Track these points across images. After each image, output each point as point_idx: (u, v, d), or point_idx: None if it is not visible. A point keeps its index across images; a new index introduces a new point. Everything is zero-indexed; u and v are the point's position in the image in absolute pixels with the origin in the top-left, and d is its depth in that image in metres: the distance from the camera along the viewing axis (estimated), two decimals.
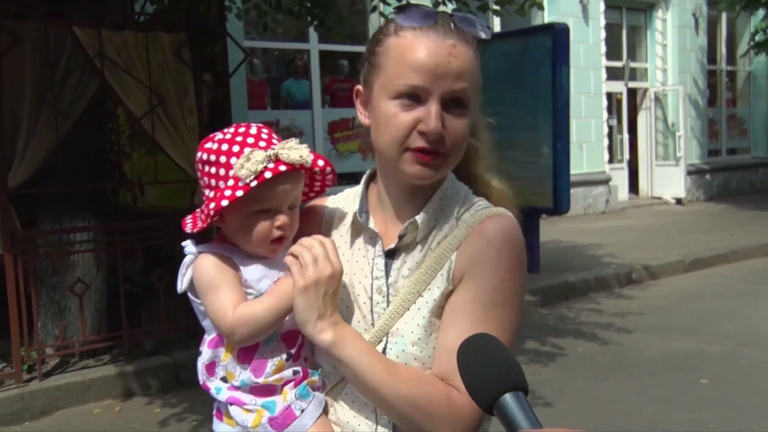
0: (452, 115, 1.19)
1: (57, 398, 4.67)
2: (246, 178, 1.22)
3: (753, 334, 5.75)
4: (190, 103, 5.30)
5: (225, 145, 1.27)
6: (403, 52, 1.18)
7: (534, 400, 4.47)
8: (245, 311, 1.24)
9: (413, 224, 1.25)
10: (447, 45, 1.17)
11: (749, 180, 16.01)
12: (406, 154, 1.19)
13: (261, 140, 1.28)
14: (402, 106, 1.18)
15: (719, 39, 15.85)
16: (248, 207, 1.26)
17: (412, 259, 1.26)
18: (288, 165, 1.24)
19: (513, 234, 1.24)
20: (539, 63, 7.24)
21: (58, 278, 5.07)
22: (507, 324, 1.21)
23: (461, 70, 1.18)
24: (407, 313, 1.23)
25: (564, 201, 7.28)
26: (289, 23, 8.25)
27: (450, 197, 1.29)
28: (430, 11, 1.20)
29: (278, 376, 1.27)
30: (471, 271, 1.21)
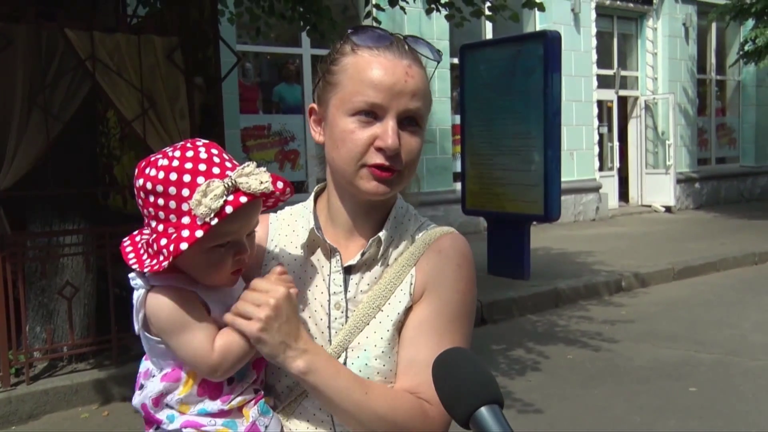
0: (407, 132, 1.21)
1: (45, 402, 4.64)
2: (205, 216, 1.09)
3: (741, 343, 5.78)
4: (181, 107, 5.29)
5: (173, 174, 1.12)
6: (360, 70, 1.20)
7: (523, 407, 4.47)
8: (226, 345, 1.16)
9: (377, 241, 1.27)
10: (403, 65, 1.20)
11: (738, 189, 16.11)
12: (362, 171, 1.21)
13: (214, 165, 1.13)
14: (359, 122, 1.20)
15: (709, 48, 15.97)
16: (206, 243, 1.13)
17: (370, 274, 1.27)
18: (249, 195, 1.12)
19: (467, 250, 1.32)
20: (531, 70, 7.27)
21: (46, 281, 5.04)
22: (466, 334, 1.27)
23: (416, 90, 1.21)
24: (367, 328, 1.24)
25: (554, 208, 7.31)
26: (282, 28, 8.27)
27: (402, 215, 1.33)
28: (384, 33, 1.23)
29: (241, 399, 1.21)
30: (432, 286, 1.25)
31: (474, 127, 7.98)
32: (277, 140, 9.99)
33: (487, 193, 7.81)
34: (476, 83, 7.91)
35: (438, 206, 10.52)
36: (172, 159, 1.13)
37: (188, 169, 1.12)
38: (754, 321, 6.42)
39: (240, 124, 9.37)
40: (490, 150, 7.76)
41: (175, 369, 1.21)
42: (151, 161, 1.15)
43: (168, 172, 1.12)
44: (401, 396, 1.19)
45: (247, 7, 6.41)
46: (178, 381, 1.20)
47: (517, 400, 4.58)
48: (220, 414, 1.20)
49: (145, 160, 1.17)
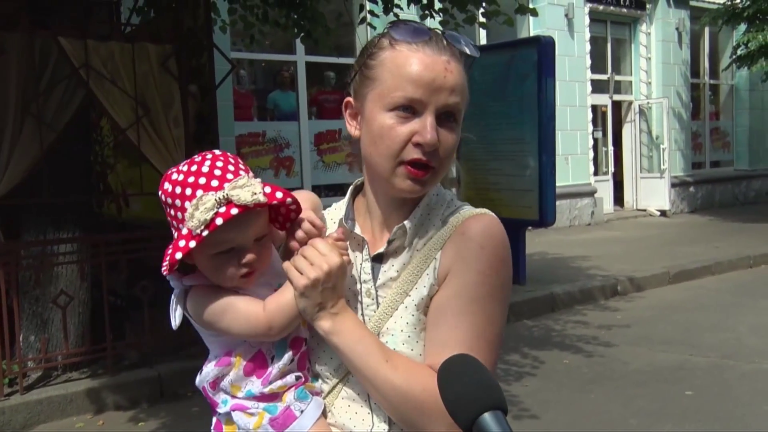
0: (445, 128, 1.22)
1: (39, 412, 4.61)
2: (197, 228, 1.18)
3: (737, 346, 5.78)
4: (175, 114, 5.28)
5: (178, 188, 1.22)
6: (400, 65, 1.20)
7: (520, 412, 4.47)
8: (276, 303, 1.25)
9: (402, 229, 1.28)
10: (443, 60, 1.21)
11: (732, 192, 16.16)
12: (399, 168, 1.22)
13: (213, 178, 1.22)
14: (398, 117, 1.20)
15: (702, 53, 16.03)
16: (208, 251, 1.24)
17: (399, 261, 1.29)
18: (240, 207, 1.19)
19: (495, 230, 1.27)
20: (525, 76, 7.29)
21: (41, 290, 5.02)
22: (492, 316, 1.23)
23: (455, 86, 1.21)
24: (396, 313, 1.26)
25: (550, 213, 7.32)
26: (276, 35, 8.27)
27: (435, 203, 1.33)
28: (423, 28, 1.24)
29: (281, 383, 1.28)
30: (455, 267, 1.24)
31: (468, 133, 7.96)
32: (272, 147, 9.99)
33: (482, 199, 7.81)
34: (471, 88, 7.81)
35: None
36: (179, 173, 1.24)
37: (190, 183, 1.22)
38: (750, 324, 6.43)
39: (235, 132, 9.36)
40: (484, 155, 7.77)
41: (226, 356, 1.31)
42: (167, 175, 1.26)
43: (175, 185, 1.23)
44: (422, 371, 1.19)
45: (240, 15, 6.41)
46: (229, 365, 1.30)
47: (513, 406, 4.57)
48: (263, 398, 1.28)
49: (165, 173, 1.27)
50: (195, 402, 4.76)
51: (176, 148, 5.27)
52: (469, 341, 1.19)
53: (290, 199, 1.27)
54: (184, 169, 1.24)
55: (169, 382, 4.98)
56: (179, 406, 4.79)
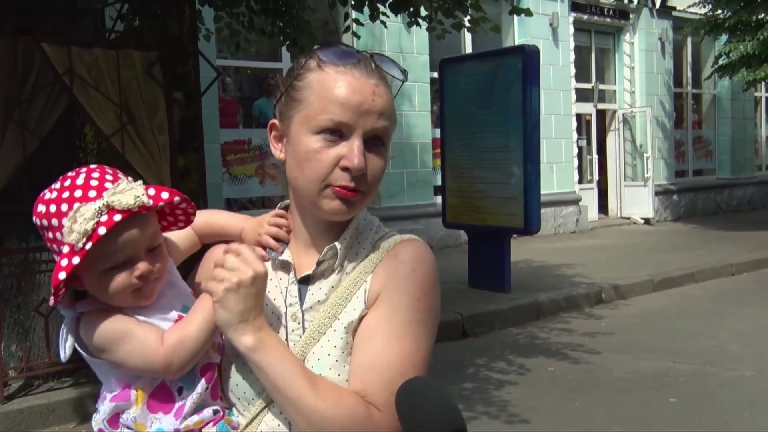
0: (372, 152, 1.20)
1: (20, 422, 4.56)
2: (78, 242, 1.07)
3: (720, 353, 5.83)
4: (160, 122, 5.26)
5: (53, 206, 1.11)
6: (327, 88, 1.18)
7: (505, 419, 4.47)
8: (176, 337, 1.16)
9: (332, 250, 1.25)
10: (371, 84, 1.19)
11: (715, 201, 16.31)
12: (326, 190, 1.19)
13: (90, 189, 1.12)
14: (324, 141, 1.18)
15: (685, 62, 16.21)
16: (96, 267, 1.13)
17: (327, 284, 1.26)
18: (123, 212, 1.09)
19: (426, 255, 1.26)
20: (510, 84, 7.33)
21: (23, 298, 4.97)
22: (420, 341, 1.20)
23: (383, 109, 1.20)
24: (323, 337, 1.22)
25: (534, 221, 7.35)
26: (262, 43, 8.27)
27: (364, 227, 1.30)
28: (351, 50, 1.22)
29: (198, 418, 1.19)
30: (386, 289, 1.22)
31: (454, 141, 8.02)
32: (258, 155, 9.96)
33: (467, 207, 7.84)
34: (456, 97, 7.96)
35: (419, 219, 10.53)
36: (52, 191, 1.14)
37: (65, 198, 1.11)
38: (732, 331, 6.48)
39: (220, 139, 9.34)
40: (470, 163, 7.80)
41: (124, 389, 1.20)
42: (40, 197, 1.15)
43: (49, 205, 1.12)
44: (348, 396, 1.15)
45: (226, 23, 6.41)
46: (128, 400, 1.19)
47: (498, 413, 4.58)
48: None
49: (38, 197, 1.16)
50: None
51: (161, 155, 5.24)
52: (398, 366, 1.16)
53: (178, 198, 1.18)
54: (57, 186, 1.14)
55: None
56: None
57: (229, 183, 9.61)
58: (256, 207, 9.72)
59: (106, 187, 1.12)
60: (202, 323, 1.16)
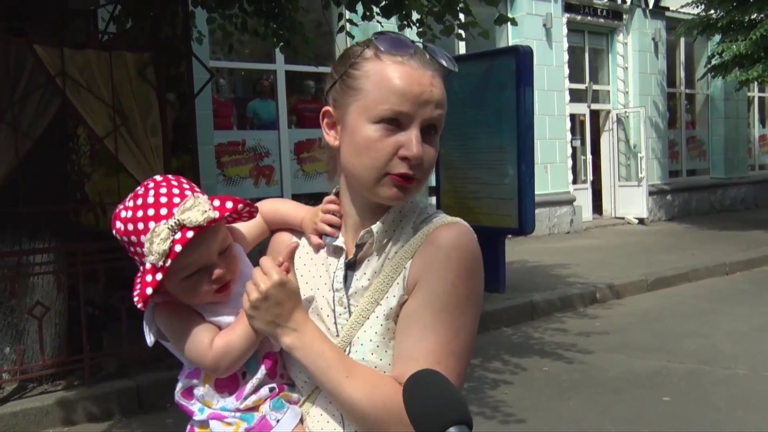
0: (427, 141, 1.23)
1: (14, 425, 4.55)
2: (158, 261, 1.19)
3: (713, 352, 5.84)
4: (153, 123, 5.26)
5: (130, 225, 1.22)
6: (386, 78, 1.21)
7: (500, 419, 4.48)
8: (223, 343, 1.26)
9: (369, 233, 1.28)
10: (428, 75, 1.22)
11: (709, 200, 16.36)
12: (385, 179, 1.22)
13: (161, 207, 1.22)
14: (384, 130, 1.20)
15: (678, 63, 16.25)
16: (176, 277, 1.24)
17: (370, 269, 1.29)
18: (194, 229, 1.20)
19: (465, 241, 1.26)
20: (504, 85, 7.34)
21: (16, 301, 4.96)
22: (459, 328, 1.22)
23: (440, 100, 1.23)
24: (366, 322, 1.26)
25: (529, 221, 7.36)
26: (256, 44, 8.27)
27: (408, 210, 1.32)
28: (408, 40, 1.24)
29: (256, 397, 1.29)
30: (423, 277, 1.23)
31: (448, 142, 8.01)
32: (252, 156, 9.96)
33: (461, 207, 7.84)
34: (450, 98, 7.77)
35: None
36: (127, 209, 1.24)
37: (140, 218, 1.22)
38: (726, 330, 6.50)
39: (214, 140, 9.33)
40: (464, 164, 7.81)
41: (197, 368, 1.33)
42: (116, 213, 1.25)
43: (126, 223, 1.23)
44: (385, 385, 1.19)
45: (219, 24, 6.40)
46: (198, 378, 1.32)
47: (493, 413, 4.58)
48: (238, 411, 1.30)
49: (114, 212, 1.26)
50: (173, 413, 4.72)
51: (154, 156, 5.24)
52: (435, 354, 1.19)
53: (242, 206, 1.27)
54: (131, 205, 1.24)
55: (148, 392, 4.93)
56: (157, 416, 4.75)
57: (223, 184, 9.60)
58: None
59: (174, 203, 1.21)
60: (244, 332, 1.26)
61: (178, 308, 1.29)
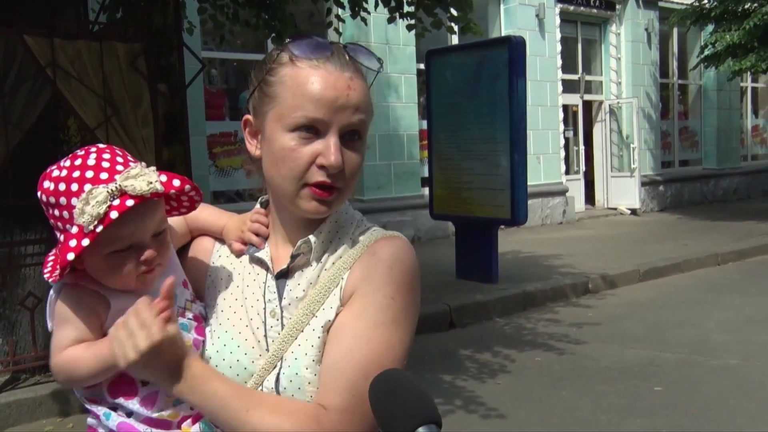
0: (349, 148, 1.17)
1: (7, 416, 4.54)
2: (89, 224, 1.07)
3: (705, 342, 5.87)
4: (144, 114, 5.22)
5: (62, 185, 1.11)
6: (300, 84, 1.15)
7: (492, 410, 4.49)
8: (71, 356, 1.16)
9: (306, 243, 1.22)
10: (345, 78, 1.16)
11: (701, 191, 16.41)
12: (303, 190, 1.17)
13: (102, 171, 1.11)
14: (300, 138, 1.15)
15: (671, 53, 16.26)
16: (102, 249, 1.13)
17: (306, 279, 1.23)
18: (136, 198, 1.09)
19: (405, 255, 1.22)
20: (496, 75, 7.33)
21: (8, 292, 4.94)
22: (394, 343, 1.16)
23: (359, 103, 1.16)
24: (301, 335, 1.19)
25: (521, 212, 7.37)
26: (248, 34, 8.23)
27: (345, 221, 1.27)
28: (324, 42, 1.18)
29: (173, 411, 1.19)
30: (361, 287, 1.18)
31: (441, 132, 8.02)
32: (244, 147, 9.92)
33: (454, 198, 7.85)
34: (442, 88, 7.95)
35: (406, 211, 10.54)
36: (62, 169, 1.13)
37: (75, 178, 1.11)
38: (717, 320, 6.54)
39: (206, 131, 9.30)
40: (457, 155, 7.81)
41: None
42: (47, 173, 1.15)
43: (58, 182, 1.12)
44: (294, 407, 1.13)
45: (210, 15, 6.37)
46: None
47: (485, 403, 4.60)
48: (155, 424, 1.19)
49: (44, 173, 1.16)
50: None
51: (146, 147, 5.21)
52: (364, 367, 1.12)
53: (189, 186, 1.19)
54: (67, 164, 1.13)
55: None
56: None
57: (215, 175, 9.58)
58: (243, 199, 9.69)
59: (117, 170, 1.12)
60: (97, 358, 1.14)
61: (78, 293, 1.18)
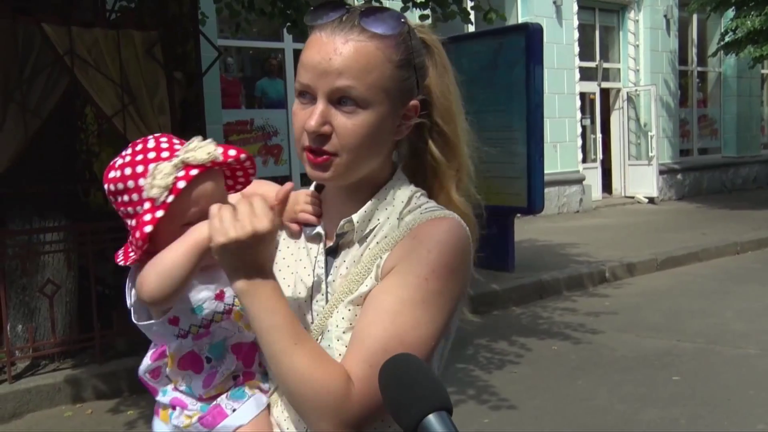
0: (342, 112, 1.15)
1: (27, 401, 4.60)
2: (160, 196, 1.13)
3: (723, 332, 5.83)
4: (161, 102, 5.25)
5: (128, 169, 1.17)
6: (303, 51, 1.19)
7: (507, 399, 4.49)
8: (153, 260, 1.17)
9: (349, 222, 1.23)
10: (335, 41, 1.14)
11: (720, 179, 16.25)
12: (303, 154, 1.19)
13: (162, 151, 1.18)
14: (300, 104, 1.18)
15: (690, 40, 16.07)
16: (174, 223, 1.17)
17: (350, 257, 1.23)
18: (199, 167, 1.15)
19: (448, 236, 1.18)
20: (513, 63, 7.28)
21: (27, 279, 4.99)
22: (419, 323, 1.13)
23: (344, 67, 1.13)
24: (336, 311, 1.20)
25: (538, 200, 7.33)
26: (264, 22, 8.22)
27: (394, 197, 1.25)
28: (338, 7, 1.17)
29: (220, 386, 1.25)
30: (397, 267, 1.16)
31: None
32: (260, 135, 9.95)
33: None
34: (459, 76, 7.88)
35: None
36: (124, 157, 1.20)
37: (139, 161, 1.18)
38: (736, 310, 6.48)
39: (222, 119, 9.32)
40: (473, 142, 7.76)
41: (162, 346, 1.29)
42: (110, 165, 1.21)
43: (122, 168, 1.19)
44: (330, 365, 1.11)
45: (226, 3, 6.36)
46: (164, 357, 1.29)
47: (501, 391, 4.59)
48: (201, 399, 1.25)
49: (107, 167, 1.22)
50: None
51: None
52: (384, 340, 1.10)
53: (244, 156, 1.22)
54: (128, 152, 1.20)
55: None
56: None
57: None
58: None
59: (176, 149, 1.18)
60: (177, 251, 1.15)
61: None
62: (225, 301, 1.25)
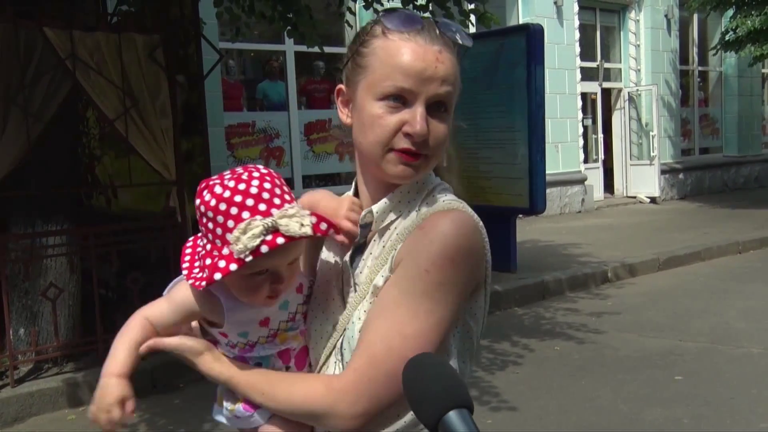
0: (435, 118, 1.22)
1: (30, 405, 4.60)
2: (241, 253, 1.15)
3: (726, 331, 5.82)
4: (163, 105, 5.25)
5: (223, 205, 1.17)
6: (391, 55, 1.20)
7: (511, 398, 4.49)
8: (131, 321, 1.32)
9: (369, 213, 1.28)
10: (434, 50, 1.20)
11: (722, 179, 16.23)
12: (389, 155, 1.21)
13: (261, 202, 1.17)
14: (388, 107, 1.20)
15: (691, 40, 16.06)
16: (243, 271, 1.19)
17: (376, 249, 1.29)
18: (287, 238, 1.16)
19: (454, 228, 1.21)
20: (514, 64, 7.28)
21: (30, 283, 5.00)
22: (419, 313, 1.17)
23: (446, 76, 1.21)
24: (362, 302, 1.27)
25: (540, 201, 7.33)
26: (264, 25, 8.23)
27: (416, 191, 1.29)
28: (416, 16, 1.23)
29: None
30: (403, 260, 1.21)
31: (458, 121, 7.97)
32: (262, 137, 9.95)
33: (472, 187, 7.81)
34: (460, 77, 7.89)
35: None
36: (225, 188, 1.18)
37: (237, 203, 1.17)
38: (738, 309, 6.48)
39: (224, 122, 9.32)
40: (475, 143, 7.77)
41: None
42: (209, 185, 1.21)
43: (219, 201, 1.18)
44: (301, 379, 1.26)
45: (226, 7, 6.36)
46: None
47: (503, 393, 4.59)
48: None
49: (205, 181, 1.23)
50: (185, 393, 4.77)
51: (164, 139, 5.24)
52: (383, 332, 1.18)
53: (332, 231, 1.24)
54: (231, 185, 1.19)
55: (161, 373, 4.96)
56: (170, 397, 4.79)
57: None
58: None
59: (275, 203, 1.18)
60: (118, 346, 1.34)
61: (203, 294, 1.26)
62: (270, 326, 1.28)
